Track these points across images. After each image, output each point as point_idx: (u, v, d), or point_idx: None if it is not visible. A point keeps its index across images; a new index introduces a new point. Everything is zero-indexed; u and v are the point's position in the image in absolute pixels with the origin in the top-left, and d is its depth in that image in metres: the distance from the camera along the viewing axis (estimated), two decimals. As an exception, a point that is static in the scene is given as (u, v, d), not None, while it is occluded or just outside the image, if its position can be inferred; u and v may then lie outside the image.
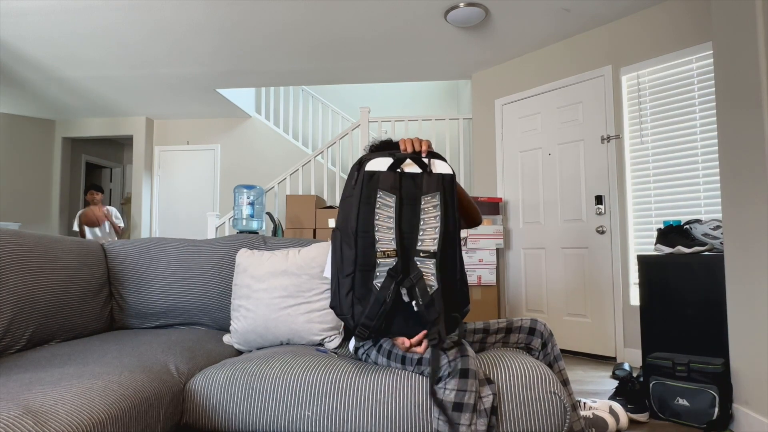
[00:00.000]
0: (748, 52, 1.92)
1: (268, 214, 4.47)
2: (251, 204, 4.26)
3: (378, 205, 1.28)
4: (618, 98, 3.49)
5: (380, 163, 1.31)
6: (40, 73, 4.59)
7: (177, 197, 6.33)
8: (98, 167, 7.44)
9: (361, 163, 1.33)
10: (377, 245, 1.27)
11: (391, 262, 1.27)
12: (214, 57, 4.23)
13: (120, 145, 7.65)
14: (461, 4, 3.28)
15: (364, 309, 1.26)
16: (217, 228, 4.86)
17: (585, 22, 3.56)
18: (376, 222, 1.28)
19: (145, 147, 6.13)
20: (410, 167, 1.32)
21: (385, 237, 1.28)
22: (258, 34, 3.78)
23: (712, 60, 2.84)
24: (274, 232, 4.43)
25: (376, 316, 1.25)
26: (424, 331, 1.27)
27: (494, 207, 4.08)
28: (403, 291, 1.26)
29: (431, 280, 1.26)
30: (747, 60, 1.92)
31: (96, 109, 5.82)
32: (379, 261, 1.27)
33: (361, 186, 1.29)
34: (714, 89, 2.28)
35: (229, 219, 4.86)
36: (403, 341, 1.31)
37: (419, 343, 1.29)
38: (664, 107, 3.24)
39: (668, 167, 3.20)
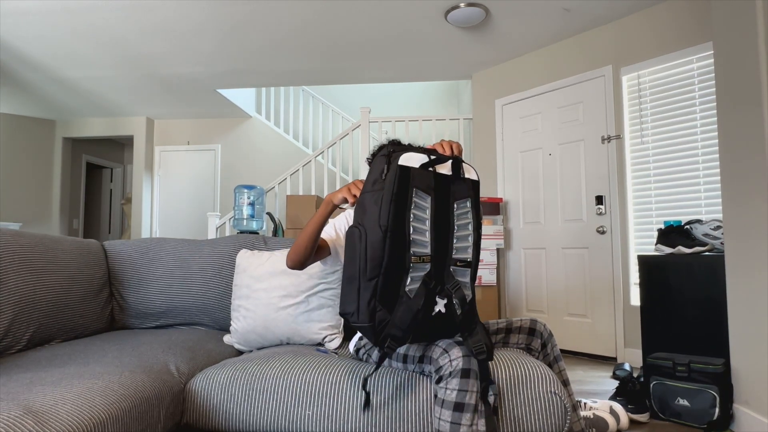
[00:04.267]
0: (748, 52, 1.91)
1: (269, 214, 4.47)
2: (251, 204, 4.26)
3: (413, 205, 1.16)
4: (618, 98, 3.49)
5: (412, 159, 1.20)
6: (40, 73, 4.59)
7: (177, 197, 6.32)
8: (99, 167, 7.44)
9: (391, 155, 1.20)
10: (412, 248, 1.15)
11: (426, 267, 1.17)
12: (214, 57, 4.23)
13: (120, 145, 7.64)
14: (462, 4, 3.28)
15: (392, 318, 1.14)
16: (217, 228, 4.86)
17: (585, 22, 3.56)
18: (411, 223, 1.16)
19: (145, 147, 6.13)
20: (441, 169, 1.24)
21: (421, 240, 1.17)
22: (258, 34, 3.78)
23: (712, 60, 2.83)
24: (275, 232, 4.43)
25: (408, 326, 1.13)
26: None
27: (494, 207, 4.07)
28: (441, 301, 1.18)
29: (466, 289, 1.22)
30: (747, 60, 1.92)
31: (96, 109, 5.82)
32: (413, 265, 1.15)
33: (393, 180, 1.16)
34: (714, 89, 2.28)
35: (230, 219, 4.86)
36: None
37: None
38: (664, 107, 3.24)
39: (669, 167, 3.19)
